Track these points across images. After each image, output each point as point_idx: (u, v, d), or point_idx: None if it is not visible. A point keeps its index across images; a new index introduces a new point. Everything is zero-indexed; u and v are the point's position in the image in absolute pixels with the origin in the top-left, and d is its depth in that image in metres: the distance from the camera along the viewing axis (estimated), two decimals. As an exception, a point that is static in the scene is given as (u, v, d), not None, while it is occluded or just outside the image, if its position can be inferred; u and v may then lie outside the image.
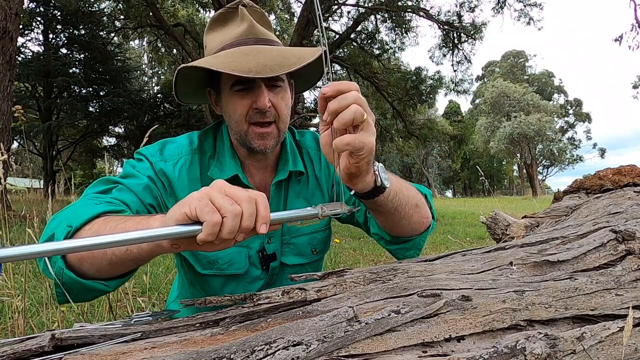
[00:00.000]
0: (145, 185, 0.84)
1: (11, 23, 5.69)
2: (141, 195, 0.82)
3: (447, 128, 34.06)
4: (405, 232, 0.86)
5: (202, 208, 0.51)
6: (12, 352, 0.45)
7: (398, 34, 12.60)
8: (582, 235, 0.79)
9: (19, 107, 1.85)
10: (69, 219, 0.69)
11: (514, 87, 33.51)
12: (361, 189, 0.69)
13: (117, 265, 0.64)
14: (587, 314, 0.57)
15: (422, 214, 0.85)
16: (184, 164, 0.91)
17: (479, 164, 37.47)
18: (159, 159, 0.90)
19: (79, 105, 12.08)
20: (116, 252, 0.61)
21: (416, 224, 0.85)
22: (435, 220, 0.93)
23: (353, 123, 0.59)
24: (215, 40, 0.90)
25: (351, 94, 0.59)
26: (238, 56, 0.80)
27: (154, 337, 0.50)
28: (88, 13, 12.24)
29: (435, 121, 23.32)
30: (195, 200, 0.53)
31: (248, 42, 0.85)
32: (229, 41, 0.87)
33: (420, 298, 0.55)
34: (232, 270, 0.92)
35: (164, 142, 0.94)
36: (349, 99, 0.58)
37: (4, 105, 5.62)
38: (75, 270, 0.66)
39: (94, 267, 0.65)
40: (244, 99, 0.85)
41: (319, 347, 0.45)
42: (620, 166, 1.44)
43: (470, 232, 6.21)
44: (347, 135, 0.59)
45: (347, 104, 0.58)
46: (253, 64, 0.78)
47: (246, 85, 0.84)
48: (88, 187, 0.81)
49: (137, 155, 0.92)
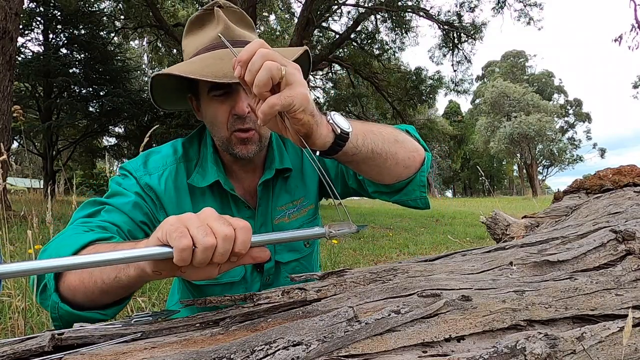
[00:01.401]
0: (133, 203, 0.82)
1: (11, 23, 5.69)
2: (131, 213, 0.81)
3: (447, 128, 34.07)
4: (397, 173, 0.79)
5: (171, 233, 0.49)
6: (12, 352, 0.45)
7: (398, 34, 12.60)
8: (582, 235, 0.79)
9: (17, 107, 1.86)
10: (57, 251, 0.68)
11: (514, 87, 33.51)
12: (323, 145, 0.63)
13: (109, 293, 0.64)
14: (587, 314, 0.57)
15: (407, 147, 0.78)
16: (169, 175, 0.88)
17: (479, 164, 37.46)
18: (143, 172, 0.88)
19: (79, 105, 12.07)
20: (106, 280, 0.61)
21: (406, 160, 0.78)
22: (428, 151, 0.86)
23: (273, 82, 0.53)
24: (191, 44, 0.87)
25: (257, 54, 0.53)
26: (212, 61, 0.77)
27: (154, 337, 0.50)
28: (88, 13, 12.22)
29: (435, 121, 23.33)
30: (168, 224, 0.50)
31: (223, 45, 0.81)
32: (203, 45, 0.84)
33: (420, 298, 0.55)
34: (227, 278, 0.91)
35: (147, 154, 0.92)
36: (257, 61, 0.52)
37: (4, 105, 5.62)
38: (70, 302, 0.65)
39: (87, 298, 0.64)
40: (223, 104, 0.82)
41: (319, 347, 0.45)
42: (620, 166, 1.44)
43: (470, 232, 6.21)
44: (269, 98, 0.54)
45: (258, 67, 0.52)
46: (228, 69, 0.74)
47: (224, 90, 0.81)
48: (76, 211, 0.80)
49: (121, 170, 0.90)
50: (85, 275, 0.63)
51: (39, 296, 0.69)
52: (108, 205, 0.80)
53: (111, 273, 0.60)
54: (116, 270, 0.59)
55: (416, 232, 6.54)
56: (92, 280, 0.62)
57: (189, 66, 0.78)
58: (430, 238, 5.69)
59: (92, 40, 12.11)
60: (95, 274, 0.61)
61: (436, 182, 44.44)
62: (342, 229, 0.60)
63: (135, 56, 21.69)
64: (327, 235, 0.59)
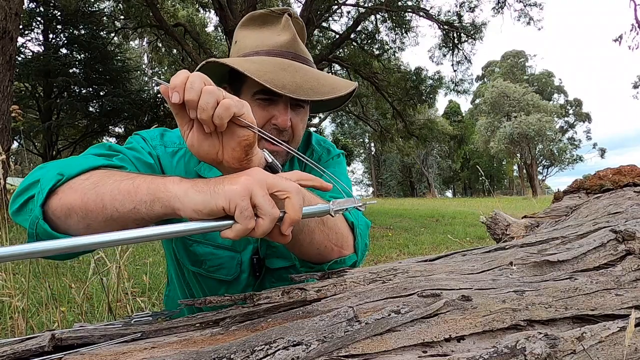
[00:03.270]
0: (149, 164, 0.80)
1: (11, 23, 5.69)
2: (144, 170, 0.77)
3: (447, 128, 34.09)
4: (308, 252, 0.72)
5: (243, 211, 0.48)
6: (12, 352, 0.45)
7: (398, 34, 12.59)
8: (582, 235, 0.79)
9: (15, 107, 1.86)
10: (60, 167, 0.61)
11: (514, 87, 33.51)
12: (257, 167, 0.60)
13: (116, 223, 0.56)
14: (587, 314, 0.57)
15: (332, 237, 0.72)
16: (183, 155, 0.87)
17: (479, 164, 37.44)
18: (160, 143, 0.86)
19: (79, 105, 12.07)
20: (119, 208, 0.55)
21: (322, 248, 0.71)
22: (357, 255, 0.79)
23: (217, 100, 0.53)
24: (249, 39, 0.86)
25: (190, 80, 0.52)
26: (274, 68, 0.77)
27: (154, 337, 0.50)
28: (88, 13, 12.23)
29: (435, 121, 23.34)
30: (238, 197, 0.48)
31: (287, 55, 0.82)
32: (266, 47, 0.83)
33: (420, 298, 0.55)
34: (219, 275, 0.89)
35: (163, 130, 0.90)
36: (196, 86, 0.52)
37: (4, 105, 5.62)
38: (58, 222, 0.59)
39: (85, 222, 0.57)
40: (265, 110, 0.81)
41: (319, 347, 0.45)
42: (620, 166, 1.44)
43: (470, 232, 6.21)
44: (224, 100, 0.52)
45: (198, 91, 0.52)
46: (288, 81, 0.75)
47: (271, 97, 0.80)
48: (89, 149, 0.74)
49: (136, 136, 0.86)
50: (90, 196, 0.56)
51: (17, 208, 0.62)
52: (122, 154, 0.75)
53: (127, 202, 0.54)
54: (135, 201, 0.54)
55: (416, 232, 6.54)
56: (100, 204, 0.56)
57: (250, 65, 0.77)
58: (430, 238, 5.69)
59: (92, 40, 12.11)
60: (106, 198, 0.55)
61: (436, 182, 44.45)
62: (346, 204, 0.59)
63: (135, 56, 21.69)
64: (331, 212, 0.58)
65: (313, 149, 1.00)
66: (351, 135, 41.74)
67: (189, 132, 0.56)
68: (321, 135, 1.07)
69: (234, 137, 0.56)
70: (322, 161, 0.98)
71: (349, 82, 0.85)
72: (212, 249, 0.88)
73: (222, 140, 0.57)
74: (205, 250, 0.88)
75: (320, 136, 1.04)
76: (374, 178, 46.52)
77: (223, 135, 0.56)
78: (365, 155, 47.24)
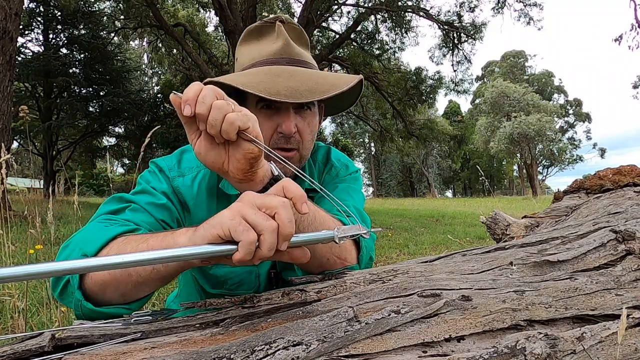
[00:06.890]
0: (162, 205, 0.79)
1: (11, 23, 5.69)
2: (157, 214, 0.78)
3: (447, 128, 34.02)
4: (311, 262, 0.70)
5: (236, 227, 0.48)
6: (12, 352, 0.45)
7: (398, 34, 12.60)
8: (582, 235, 0.79)
9: (24, 107, 1.84)
10: (81, 245, 0.65)
11: (514, 87, 33.52)
12: (262, 179, 0.63)
13: (143, 286, 0.62)
14: (587, 314, 0.57)
15: (336, 249, 0.72)
16: (202, 177, 0.85)
17: (479, 164, 37.44)
18: (177, 173, 0.85)
19: (79, 105, 12.08)
20: (142, 272, 0.58)
21: (324, 261, 0.72)
22: (361, 266, 0.79)
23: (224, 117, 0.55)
24: (246, 54, 0.86)
25: (202, 94, 0.54)
26: (268, 76, 0.77)
27: (154, 337, 0.50)
28: (88, 13, 12.23)
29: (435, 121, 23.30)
30: (227, 219, 0.49)
31: (281, 61, 0.82)
32: (260, 58, 0.83)
33: (420, 298, 0.55)
34: (241, 290, 0.89)
35: (182, 151, 0.90)
36: (207, 100, 0.54)
37: (4, 105, 5.62)
38: (98, 299, 0.63)
39: (119, 292, 0.62)
40: (270, 119, 0.81)
41: (319, 347, 0.45)
42: (620, 166, 1.43)
43: (470, 232, 6.21)
44: (228, 115, 0.54)
45: (209, 106, 0.54)
46: (282, 87, 0.74)
47: (274, 105, 0.80)
48: (101, 206, 0.77)
49: (153, 166, 0.86)
50: (117, 270, 0.58)
51: (59, 293, 0.66)
52: (134, 204, 0.77)
53: (147, 266, 0.57)
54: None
55: (416, 232, 6.55)
56: (125, 273, 0.59)
57: (244, 78, 0.77)
58: (430, 238, 5.69)
59: (92, 40, 12.13)
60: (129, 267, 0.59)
61: (436, 182, 44.45)
62: (351, 231, 0.58)
63: (135, 56, 21.70)
64: (336, 239, 0.57)
65: (332, 164, 1.00)
66: (351, 135, 41.78)
67: (197, 141, 0.59)
68: (334, 147, 1.07)
69: (239, 149, 0.58)
70: (340, 176, 0.98)
71: (351, 77, 0.84)
72: (231, 267, 0.88)
73: (228, 150, 0.59)
74: (225, 271, 0.87)
75: (339, 152, 1.04)
76: (374, 178, 46.54)
77: (230, 146, 0.59)
78: (365, 155, 47.27)
